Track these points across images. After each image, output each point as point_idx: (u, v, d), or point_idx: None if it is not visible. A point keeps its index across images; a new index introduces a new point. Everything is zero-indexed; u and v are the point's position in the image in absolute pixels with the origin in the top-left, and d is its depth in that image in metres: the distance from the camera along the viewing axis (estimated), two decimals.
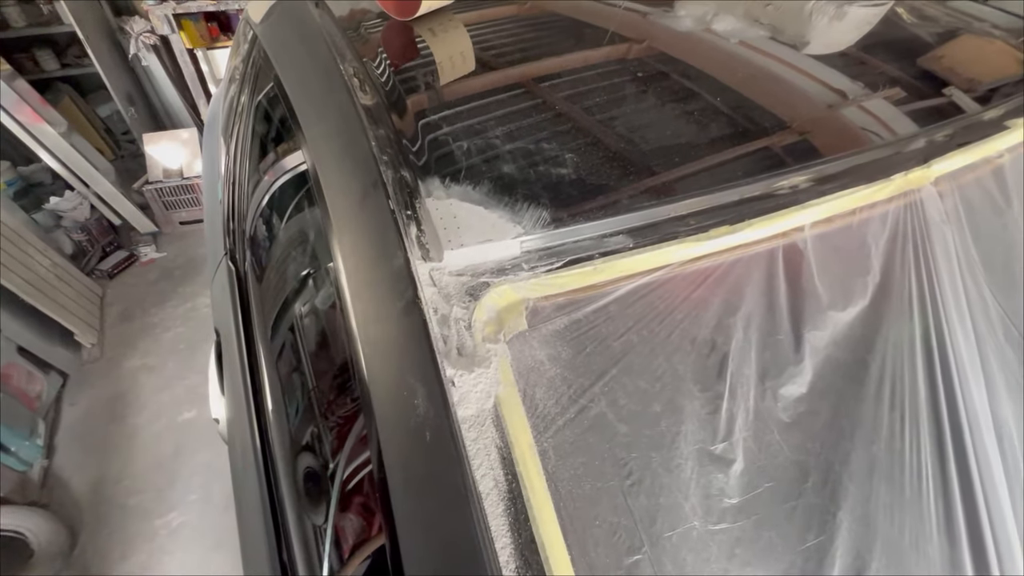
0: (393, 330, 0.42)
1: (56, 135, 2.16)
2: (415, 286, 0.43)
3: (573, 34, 0.84)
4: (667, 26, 0.89)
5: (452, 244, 0.46)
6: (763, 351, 0.49)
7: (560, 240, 0.49)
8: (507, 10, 0.95)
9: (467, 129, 0.59)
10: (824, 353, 0.50)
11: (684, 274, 0.50)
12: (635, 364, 0.45)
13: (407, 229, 0.48)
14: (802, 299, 0.52)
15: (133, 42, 2.40)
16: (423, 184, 0.51)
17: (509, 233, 0.48)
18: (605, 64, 0.75)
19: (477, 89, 0.66)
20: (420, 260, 0.46)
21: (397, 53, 0.75)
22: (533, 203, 0.50)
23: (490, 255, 0.47)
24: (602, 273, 0.48)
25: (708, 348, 0.48)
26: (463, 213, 0.49)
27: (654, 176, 0.55)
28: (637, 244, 0.50)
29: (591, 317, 0.47)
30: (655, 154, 0.58)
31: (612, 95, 0.67)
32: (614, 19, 0.89)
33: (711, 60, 0.78)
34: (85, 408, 1.97)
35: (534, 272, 0.47)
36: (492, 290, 0.46)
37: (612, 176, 0.55)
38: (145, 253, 2.48)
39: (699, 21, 0.96)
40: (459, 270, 0.46)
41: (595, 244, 0.49)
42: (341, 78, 0.64)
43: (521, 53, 0.77)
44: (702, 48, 0.85)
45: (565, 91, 0.67)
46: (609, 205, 0.52)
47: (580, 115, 0.63)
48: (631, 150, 0.58)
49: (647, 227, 0.51)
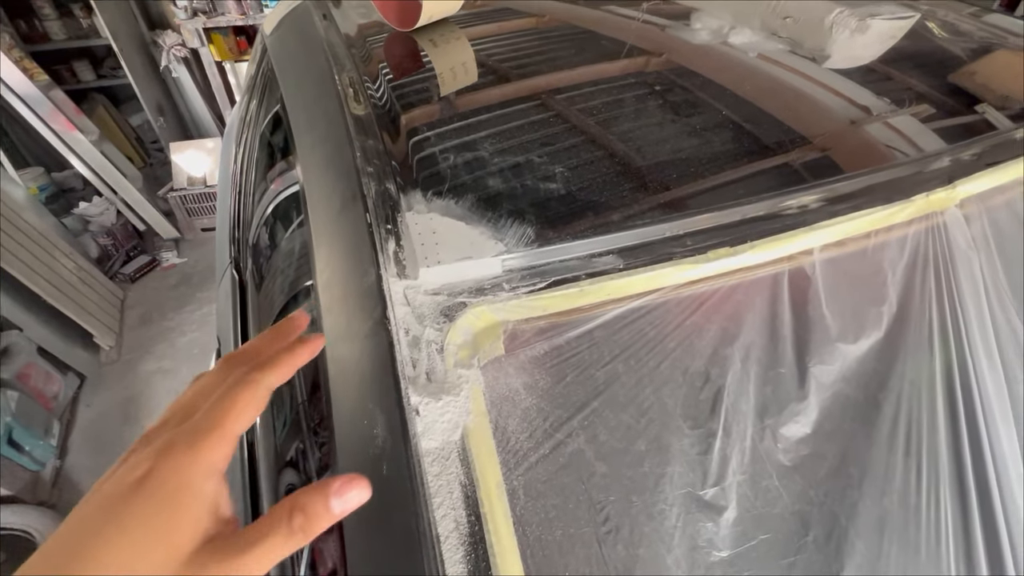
0: (357, 351, 0.40)
1: (87, 143, 2.25)
2: (384, 304, 0.41)
3: (581, 47, 0.82)
4: (679, 38, 0.87)
5: (429, 261, 0.44)
6: (763, 385, 0.45)
7: (544, 259, 0.46)
8: (521, 23, 0.94)
9: (455, 142, 0.57)
10: (831, 390, 0.46)
11: (678, 299, 0.47)
12: (619, 396, 0.42)
13: (384, 244, 0.46)
14: (808, 329, 0.48)
15: (165, 55, 2.49)
16: (404, 197, 0.49)
17: (490, 251, 0.45)
18: (606, 77, 0.73)
19: (468, 102, 0.65)
20: (395, 277, 0.44)
21: (395, 64, 0.74)
22: (517, 219, 0.47)
23: (469, 273, 0.45)
24: (588, 296, 0.45)
25: (702, 380, 0.44)
26: (443, 229, 0.46)
27: (650, 193, 0.52)
28: (628, 265, 0.46)
29: (574, 343, 0.44)
30: (653, 170, 0.55)
31: (611, 108, 0.64)
32: (621, 30, 0.87)
33: (726, 73, 0.75)
34: (100, 410, 2.00)
35: (515, 293, 0.44)
36: (468, 311, 0.43)
37: (604, 192, 0.52)
38: (167, 258, 2.54)
39: (715, 34, 0.94)
40: (435, 289, 0.44)
41: (582, 264, 0.46)
42: (334, 88, 0.63)
43: (525, 65, 0.75)
44: (715, 61, 0.82)
45: (563, 105, 0.65)
46: (599, 223, 0.49)
47: (574, 129, 0.60)
48: (627, 165, 0.56)
49: (640, 247, 0.48)
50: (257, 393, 0.27)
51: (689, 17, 0.95)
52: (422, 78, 0.72)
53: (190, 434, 0.24)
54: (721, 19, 0.99)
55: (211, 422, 0.25)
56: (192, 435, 0.24)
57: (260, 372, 0.28)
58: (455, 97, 0.67)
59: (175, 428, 0.25)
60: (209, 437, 0.24)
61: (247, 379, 0.27)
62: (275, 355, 0.30)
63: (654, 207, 0.51)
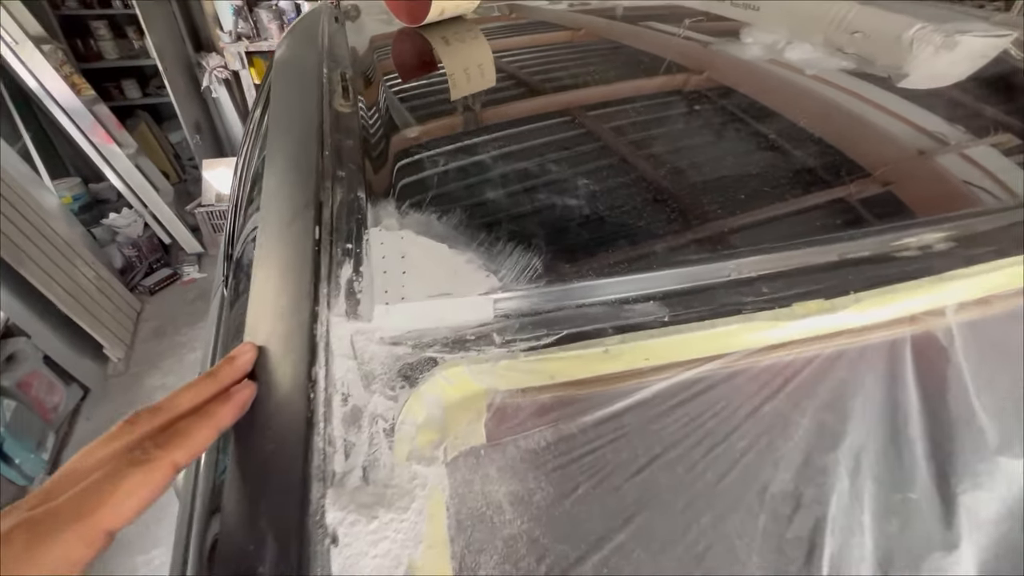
0: (261, 431, 0.27)
1: (123, 156, 2.28)
2: (313, 356, 0.28)
3: (616, 62, 0.71)
4: (726, 54, 0.74)
5: (389, 296, 0.31)
6: (885, 518, 0.29)
7: (555, 302, 0.32)
8: (555, 36, 0.85)
9: (449, 146, 0.45)
10: (995, 530, 0.29)
11: (750, 373, 0.32)
12: (660, 525, 0.27)
13: (334, 269, 0.33)
14: (950, 432, 0.31)
15: (207, 75, 2.55)
16: (373, 208, 0.37)
17: (478, 286, 0.32)
18: (646, 92, 0.60)
19: (476, 105, 0.53)
20: (341, 316, 0.31)
21: (400, 62, 0.64)
22: (521, 245, 0.34)
23: (446, 317, 0.31)
24: (618, 360, 0.31)
25: (789, 507, 0.28)
26: (416, 252, 0.33)
27: (708, 218, 0.38)
28: (676, 318, 0.32)
29: (593, 433, 0.29)
30: (708, 189, 0.41)
31: (651, 121, 0.51)
32: (663, 47, 0.76)
33: (777, 93, 0.62)
34: (99, 423, 1.94)
35: (510, 349, 0.30)
36: (439, 373, 0.29)
37: (643, 215, 0.38)
38: (187, 272, 2.53)
39: (769, 49, 0.82)
40: (394, 336, 0.31)
41: (610, 313, 0.32)
42: (318, 83, 0.52)
43: (551, 77, 0.64)
44: (766, 79, 0.68)
45: (592, 117, 0.53)
46: (636, 255, 0.35)
47: (604, 138, 0.47)
48: (672, 182, 0.42)
49: (694, 292, 0.34)
50: (152, 476, 0.22)
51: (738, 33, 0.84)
52: (428, 77, 0.61)
53: (39, 524, 0.20)
54: (776, 33, 0.88)
55: (74, 512, 0.20)
56: (40, 525, 0.20)
57: (162, 449, 0.23)
58: (461, 99, 0.56)
59: (38, 507, 0.21)
60: (64, 532, 0.20)
61: (143, 459, 0.22)
62: (191, 421, 0.25)
63: (712, 237, 0.37)
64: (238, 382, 0.29)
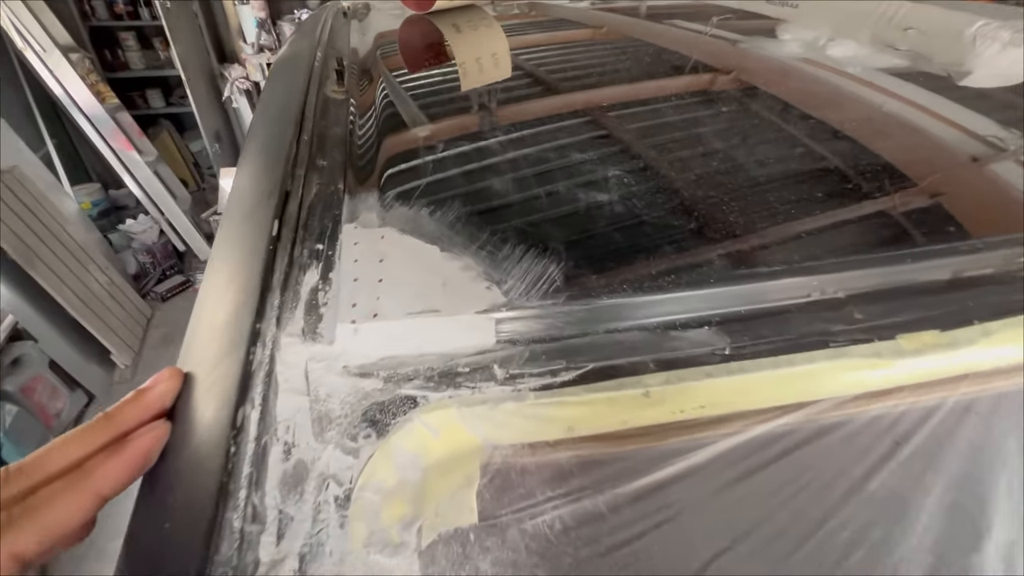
0: (159, 502, 0.19)
1: (142, 163, 2.29)
2: (242, 393, 0.20)
3: (642, 59, 0.64)
4: (770, 53, 0.67)
5: (358, 311, 0.23)
6: None
7: (578, 325, 0.24)
8: (576, 34, 0.79)
9: (448, 127, 0.38)
10: None
11: (845, 431, 0.23)
12: None
13: (297, 274, 0.26)
14: None
15: (228, 86, 2.58)
16: (352, 201, 0.29)
17: (476, 301, 0.24)
18: (674, 85, 0.53)
19: (484, 91, 0.46)
20: (294, 336, 0.23)
21: (405, 49, 0.57)
22: (533, 248, 0.26)
23: (431, 342, 0.24)
24: (662, 407, 0.22)
25: None
26: (398, 255, 0.26)
27: (776, 218, 0.30)
28: (740, 351, 0.24)
29: (630, 512, 0.21)
30: (775, 182, 0.33)
31: (690, 112, 0.44)
32: (693, 46, 0.68)
33: (814, 93, 0.53)
34: None
35: (515, 387, 0.22)
36: (419, 417, 0.21)
37: (693, 212, 0.30)
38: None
39: (809, 47, 0.75)
40: (362, 365, 0.23)
41: (650, 342, 0.24)
42: (307, 71, 0.46)
43: (572, 72, 0.57)
44: (818, 77, 0.61)
45: (619, 110, 0.45)
46: (685, 265, 0.27)
47: (642, 122, 0.39)
48: (730, 174, 0.34)
49: (763, 317, 0.25)
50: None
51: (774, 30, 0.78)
52: (433, 65, 0.54)
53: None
54: (817, 30, 0.81)
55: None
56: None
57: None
58: (470, 88, 0.49)
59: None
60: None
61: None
62: (54, 489, 0.18)
63: (785, 243, 0.28)
64: (147, 422, 0.21)
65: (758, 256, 0.27)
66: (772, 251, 0.28)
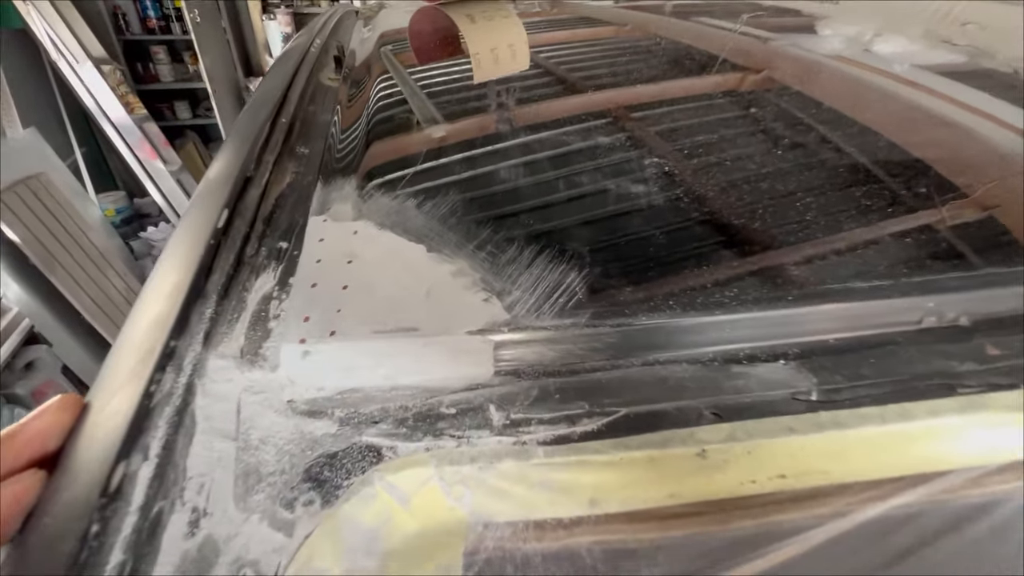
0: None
1: (166, 172, 2.33)
2: (131, 437, 0.14)
3: (664, 57, 0.59)
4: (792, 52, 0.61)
5: (311, 328, 0.18)
6: None
7: (605, 353, 0.18)
8: (598, 32, 0.75)
9: (447, 106, 0.32)
10: None
11: (1000, 513, 0.16)
12: None
13: (248, 277, 0.20)
14: None
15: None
16: (323, 189, 0.24)
17: (470, 317, 0.18)
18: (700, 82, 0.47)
19: (496, 83, 0.41)
20: (230, 359, 0.18)
21: (414, 39, 0.53)
22: (547, 249, 0.20)
23: (404, 370, 0.17)
24: (724, 473, 0.16)
25: None
26: (372, 255, 0.20)
27: (867, 216, 0.23)
28: (832, 396, 0.17)
29: None
30: (860, 173, 0.26)
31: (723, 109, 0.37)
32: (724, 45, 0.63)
33: (858, 94, 0.47)
34: None
35: (517, 438, 0.16)
36: (381, 478, 0.15)
37: (759, 207, 0.23)
38: None
39: (852, 43, 0.69)
40: (311, 400, 0.17)
41: (706, 379, 0.17)
42: (297, 59, 0.42)
43: (598, 72, 0.52)
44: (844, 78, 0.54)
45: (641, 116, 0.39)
46: (749, 273, 0.20)
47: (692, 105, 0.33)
48: (799, 164, 0.27)
49: (860, 350, 0.18)
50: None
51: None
52: (444, 56, 0.50)
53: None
54: (861, 25, 0.75)
55: None
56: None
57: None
58: (483, 79, 0.44)
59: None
60: None
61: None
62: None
63: (881, 247, 0.22)
64: (19, 471, 0.16)
65: (847, 264, 0.20)
66: (864, 258, 0.21)
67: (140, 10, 2.47)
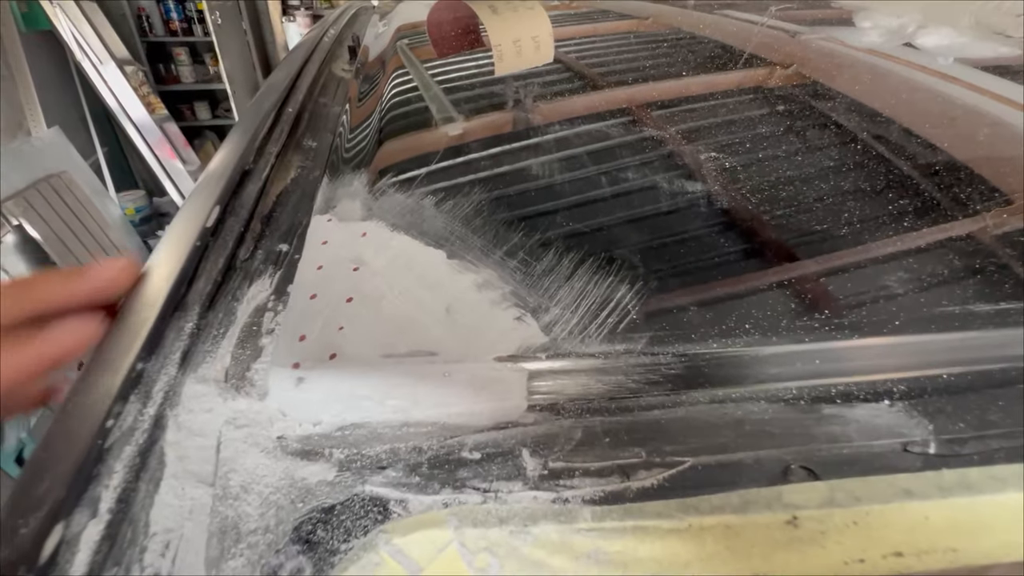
0: None
1: (184, 171, 2.35)
2: (84, 481, 0.12)
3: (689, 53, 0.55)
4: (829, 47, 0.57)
5: (306, 349, 0.14)
6: None
7: (666, 387, 0.14)
8: (619, 26, 0.72)
9: (471, 98, 0.29)
10: None
11: None
12: None
13: (236, 287, 0.17)
14: None
15: None
16: (329, 185, 0.21)
17: (499, 339, 0.15)
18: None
19: (518, 75, 0.38)
20: (212, 384, 0.15)
21: (433, 31, 0.50)
22: (592, 260, 0.17)
23: (418, 403, 0.14)
24: (826, 544, 0.12)
25: None
26: (382, 263, 0.17)
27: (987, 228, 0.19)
28: (955, 446, 0.13)
29: None
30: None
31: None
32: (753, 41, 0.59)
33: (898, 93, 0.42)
34: None
35: (557, 494, 0.13)
36: (386, 541, 0.12)
37: (837, 214, 0.20)
38: None
39: (892, 36, 0.64)
40: (304, 438, 0.14)
41: (793, 423, 0.14)
42: (307, 50, 0.39)
43: (620, 65, 0.49)
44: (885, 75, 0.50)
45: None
46: (839, 293, 0.16)
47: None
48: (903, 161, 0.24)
49: (988, 387, 0.15)
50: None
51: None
52: (464, 48, 0.47)
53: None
54: (903, 17, 0.71)
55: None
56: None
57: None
58: (505, 72, 0.41)
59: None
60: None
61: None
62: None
63: (997, 262, 0.18)
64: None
65: (960, 282, 0.17)
66: (978, 278, 0.17)
67: (163, 12, 2.51)
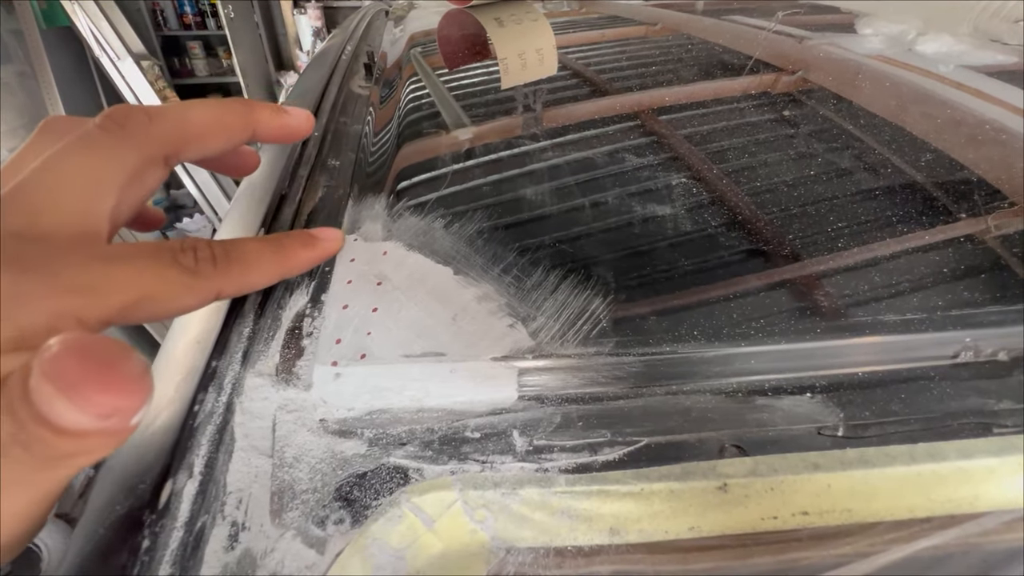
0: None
1: None
2: (183, 451, 0.16)
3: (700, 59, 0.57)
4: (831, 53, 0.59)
5: (342, 350, 0.18)
6: None
7: (629, 382, 0.18)
8: (628, 31, 0.74)
9: (478, 126, 0.32)
10: None
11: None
12: None
13: (282, 296, 0.21)
14: None
15: (283, 92, 2.67)
16: (354, 207, 0.24)
17: (495, 342, 0.19)
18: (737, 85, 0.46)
19: (523, 90, 0.41)
20: (266, 377, 0.18)
21: (444, 44, 0.53)
22: (572, 274, 0.20)
23: (431, 393, 0.18)
24: (748, 506, 0.16)
25: None
26: (401, 278, 0.21)
27: (901, 238, 0.22)
28: (858, 430, 0.17)
29: None
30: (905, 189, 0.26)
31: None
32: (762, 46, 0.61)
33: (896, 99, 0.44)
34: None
35: (540, 465, 0.17)
36: (407, 499, 0.16)
37: (782, 233, 0.23)
38: None
39: (894, 42, 0.66)
40: (342, 420, 0.18)
41: (730, 412, 0.17)
42: (330, 66, 0.43)
43: (625, 70, 0.52)
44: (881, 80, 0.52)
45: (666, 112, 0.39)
46: (777, 305, 0.20)
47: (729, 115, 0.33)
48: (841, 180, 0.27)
49: (889, 384, 0.18)
50: (188, 290, 0.17)
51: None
52: (471, 61, 0.50)
53: None
54: (903, 23, 0.72)
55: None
56: None
57: (214, 267, 0.17)
58: (510, 85, 0.44)
59: None
60: None
61: (189, 267, 0.16)
62: (257, 248, 0.19)
63: (915, 272, 0.21)
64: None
65: (879, 296, 0.20)
66: (897, 290, 0.21)
67: (177, 6, 2.54)
